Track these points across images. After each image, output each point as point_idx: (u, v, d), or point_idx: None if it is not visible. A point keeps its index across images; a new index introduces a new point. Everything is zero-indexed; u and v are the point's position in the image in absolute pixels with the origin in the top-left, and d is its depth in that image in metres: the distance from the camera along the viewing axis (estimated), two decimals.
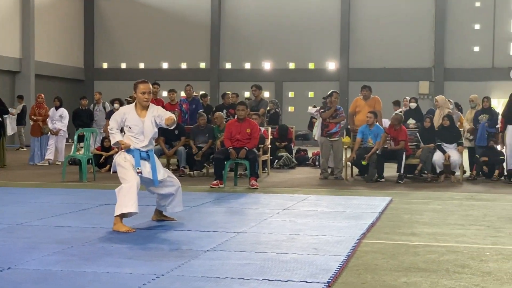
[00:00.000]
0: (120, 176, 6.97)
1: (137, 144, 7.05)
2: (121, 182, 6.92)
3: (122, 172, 6.95)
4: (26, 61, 27.17)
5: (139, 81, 7.23)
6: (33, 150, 16.39)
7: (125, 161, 6.98)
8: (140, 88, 7.10)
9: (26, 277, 4.80)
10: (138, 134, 7.06)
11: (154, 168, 7.09)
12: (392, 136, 12.80)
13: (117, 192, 6.88)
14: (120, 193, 6.85)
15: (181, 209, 7.46)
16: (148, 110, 7.12)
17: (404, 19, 29.09)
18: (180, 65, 31.33)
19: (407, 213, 8.39)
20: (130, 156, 7.01)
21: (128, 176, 6.89)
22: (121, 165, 6.98)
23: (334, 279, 4.83)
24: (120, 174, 6.97)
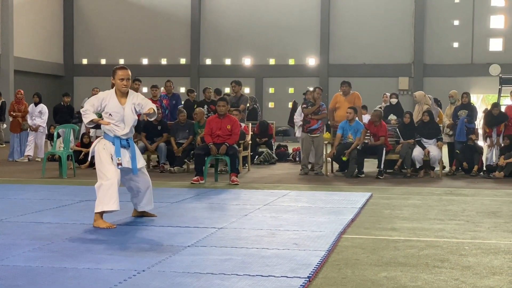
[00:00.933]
0: (99, 169, 6.83)
1: (118, 132, 6.88)
2: (100, 176, 6.78)
3: (101, 166, 6.80)
4: (5, 57, 26.91)
5: (118, 67, 7.01)
6: (12, 146, 16.27)
7: (104, 149, 6.81)
8: (119, 74, 6.87)
9: (6, 273, 4.77)
10: (119, 122, 6.88)
11: (134, 156, 6.97)
12: (372, 132, 12.87)
13: (97, 189, 6.79)
14: (100, 191, 6.75)
15: (151, 207, 7.35)
16: (127, 97, 6.93)
17: (384, 15, 29.24)
18: (160, 61, 31.25)
19: (387, 208, 8.45)
20: (110, 144, 6.85)
21: (108, 172, 6.76)
22: (100, 156, 6.82)
23: (314, 274, 4.86)
24: (100, 168, 6.82)
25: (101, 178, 6.78)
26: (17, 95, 16.86)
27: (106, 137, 6.93)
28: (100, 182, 6.77)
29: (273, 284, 4.54)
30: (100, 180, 6.78)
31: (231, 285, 4.52)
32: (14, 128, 16.32)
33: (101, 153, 6.85)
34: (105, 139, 6.92)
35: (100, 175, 6.80)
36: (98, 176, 6.83)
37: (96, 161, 6.93)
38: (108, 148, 6.84)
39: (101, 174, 6.79)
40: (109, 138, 6.91)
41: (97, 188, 6.79)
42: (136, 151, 7.07)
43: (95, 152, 6.91)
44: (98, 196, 6.77)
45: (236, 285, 4.52)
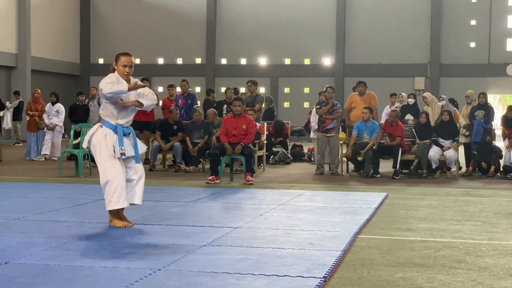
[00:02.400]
0: (102, 164, 6.52)
1: (121, 120, 6.61)
2: (104, 172, 6.51)
3: (104, 161, 6.49)
4: (22, 56, 27.11)
5: (121, 53, 6.71)
6: (29, 146, 16.38)
7: (105, 139, 6.49)
8: (122, 61, 6.61)
9: (24, 272, 4.81)
10: (124, 110, 6.62)
11: (136, 143, 6.71)
12: (388, 132, 12.82)
13: (103, 186, 6.56)
14: (107, 188, 6.53)
15: (139, 203, 6.82)
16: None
17: (400, 14, 29.12)
18: (176, 60, 31.32)
19: (403, 209, 8.41)
20: (111, 132, 6.53)
21: (113, 167, 6.46)
22: (101, 148, 6.49)
23: (330, 274, 4.85)
24: (102, 162, 6.50)
25: (106, 174, 6.53)
26: (34, 95, 16.97)
27: (107, 125, 6.59)
28: (106, 178, 6.53)
29: (288, 284, 4.53)
30: (105, 176, 6.53)
31: (246, 284, 4.52)
32: (31, 127, 16.43)
33: (101, 143, 6.53)
34: (105, 127, 6.58)
35: (104, 170, 6.53)
36: (102, 172, 6.55)
37: (96, 152, 6.59)
38: (110, 137, 6.54)
39: (105, 170, 6.53)
40: (110, 126, 6.58)
41: (103, 185, 6.56)
42: (136, 138, 6.81)
43: (95, 141, 6.55)
44: (107, 194, 6.58)
45: (251, 284, 4.52)
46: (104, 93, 6.49)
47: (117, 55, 6.75)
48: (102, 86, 6.50)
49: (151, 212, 7.70)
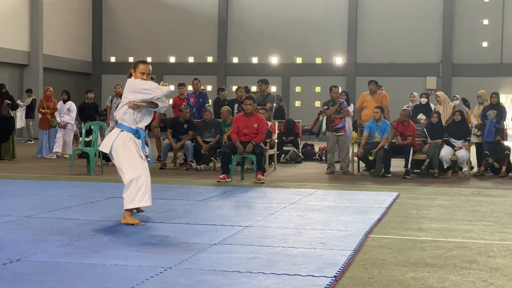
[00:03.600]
0: (127, 163, 6.63)
1: (141, 124, 6.83)
2: (128, 171, 6.62)
3: (130, 160, 6.62)
4: (35, 54, 27.23)
5: (140, 60, 6.90)
6: (41, 143, 16.46)
7: (129, 141, 6.67)
8: (140, 68, 6.75)
9: (35, 269, 4.83)
10: (143, 113, 6.82)
11: (149, 146, 6.98)
12: (400, 131, 12.78)
13: (128, 183, 6.63)
14: (132, 186, 6.61)
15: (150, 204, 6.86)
16: None
17: (412, 13, 29.01)
18: (187, 59, 31.34)
19: (414, 209, 8.39)
20: (133, 136, 6.73)
21: (139, 166, 6.62)
22: (129, 148, 6.65)
23: (341, 274, 4.84)
24: (128, 161, 6.62)
25: (133, 172, 6.62)
26: (46, 92, 17.04)
27: (128, 129, 6.73)
28: (132, 176, 6.62)
29: (299, 283, 4.53)
30: (132, 174, 6.62)
31: (257, 283, 4.52)
32: (43, 125, 16.50)
33: (127, 145, 6.66)
34: (127, 132, 6.72)
35: (131, 169, 6.63)
36: (128, 170, 6.64)
37: (118, 154, 6.69)
38: (133, 141, 6.71)
39: (132, 168, 6.63)
40: (131, 130, 6.74)
41: (128, 183, 6.63)
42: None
43: (117, 144, 6.67)
44: (130, 192, 6.64)
45: (262, 283, 4.53)
46: (164, 93, 6.76)
47: (135, 63, 6.87)
48: (155, 89, 6.67)
49: (162, 210, 7.72)
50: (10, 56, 26.19)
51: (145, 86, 6.71)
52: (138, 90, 6.72)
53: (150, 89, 6.70)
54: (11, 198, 8.70)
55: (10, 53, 26.08)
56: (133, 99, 6.73)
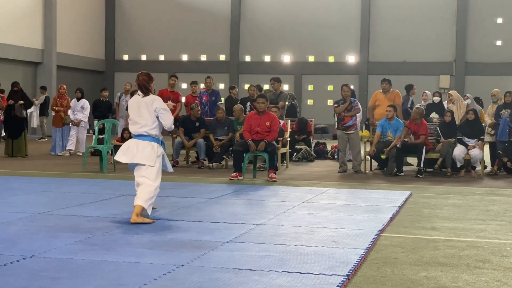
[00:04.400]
0: (157, 171, 6.91)
1: (160, 136, 7.15)
2: (155, 178, 6.87)
3: (159, 169, 6.96)
4: (48, 52, 27.35)
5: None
6: (54, 141, 16.53)
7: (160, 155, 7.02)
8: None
9: (48, 266, 4.86)
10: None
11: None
12: (413, 130, 12.73)
13: (155, 189, 6.85)
14: (156, 193, 6.88)
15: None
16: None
17: (425, 12, 28.88)
18: (200, 57, 31.37)
19: (427, 208, 8.36)
20: (161, 147, 7.08)
21: (160, 177, 7.01)
22: (158, 162, 6.96)
23: (353, 272, 4.83)
24: (158, 170, 6.93)
25: (155, 180, 6.89)
26: (60, 90, 17.11)
27: (157, 141, 7.02)
28: (157, 183, 6.89)
29: (311, 282, 4.53)
30: (155, 182, 6.87)
31: (269, 281, 4.52)
32: (56, 122, 16.57)
33: (160, 157, 7.00)
34: (158, 144, 7.03)
35: (155, 177, 6.89)
36: (154, 178, 6.87)
37: (156, 163, 6.92)
38: (162, 153, 7.07)
39: (156, 176, 6.91)
40: (158, 141, 7.05)
41: (155, 188, 6.86)
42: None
43: (159, 156, 6.98)
44: (149, 194, 6.79)
45: (274, 281, 4.53)
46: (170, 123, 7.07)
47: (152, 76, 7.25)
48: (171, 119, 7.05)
49: (174, 208, 7.74)
50: (24, 54, 26.33)
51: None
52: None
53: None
54: (25, 195, 8.75)
55: (24, 51, 26.23)
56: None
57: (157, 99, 7.06)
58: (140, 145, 6.92)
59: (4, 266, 4.78)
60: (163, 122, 6.95)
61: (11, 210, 7.38)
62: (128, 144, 7.05)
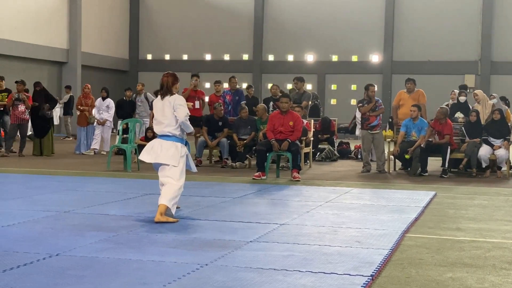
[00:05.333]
0: (180, 171, 6.91)
1: (185, 136, 7.16)
2: (179, 178, 6.87)
3: (183, 170, 6.98)
4: (73, 52, 27.58)
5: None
6: (79, 140, 16.67)
7: (184, 155, 7.03)
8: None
9: (74, 264, 4.90)
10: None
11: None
12: (437, 130, 12.64)
13: (179, 188, 6.86)
14: (179, 192, 6.90)
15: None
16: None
17: (450, 10, 28.63)
18: (223, 56, 31.42)
19: (452, 208, 8.29)
20: (185, 147, 7.09)
21: (184, 177, 7.02)
22: (182, 162, 6.97)
23: (378, 273, 4.81)
24: (181, 170, 6.94)
25: (179, 180, 6.90)
26: (84, 90, 17.24)
27: (181, 141, 7.04)
28: (181, 183, 6.91)
29: (335, 282, 4.51)
30: (179, 181, 6.89)
31: (293, 281, 4.52)
32: (81, 121, 16.70)
33: (184, 157, 7.02)
34: (183, 144, 7.05)
35: (179, 177, 6.90)
36: (178, 178, 6.88)
37: (180, 163, 6.93)
38: (186, 153, 7.09)
39: (180, 176, 6.92)
40: (183, 141, 7.08)
41: (180, 188, 6.88)
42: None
43: (183, 156, 6.99)
44: (173, 193, 6.82)
45: (298, 281, 4.52)
46: (183, 120, 7.02)
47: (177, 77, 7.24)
48: (184, 113, 7.00)
49: (198, 208, 7.77)
50: (49, 53, 26.58)
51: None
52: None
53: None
54: (50, 194, 8.83)
55: (49, 50, 26.47)
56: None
57: (178, 97, 7.06)
58: (164, 145, 6.95)
59: (30, 264, 4.83)
60: (177, 115, 6.92)
61: (37, 209, 7.46)
62: (152, 144, 7.09)
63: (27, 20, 25.20)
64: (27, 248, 5.37)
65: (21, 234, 6.01)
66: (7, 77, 17.67)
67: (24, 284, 4.30)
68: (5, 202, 7.95)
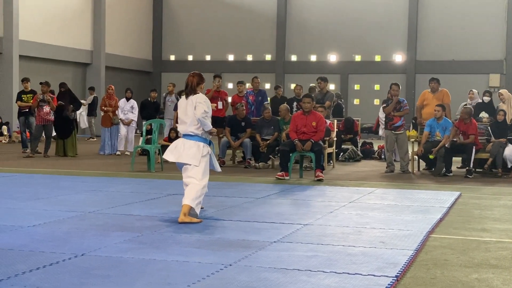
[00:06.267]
0: (203, 171, 6.90)
1: (209, 135, 7.14)
2: (201, 177, 6.87)
3: (205, 169, 6.96)
4: (97, 53, 27.81)
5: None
6: (103, 141, 16.79)
7: (206, 155, 7.00)
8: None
9: (99, 264, 4.93)
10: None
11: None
12: (462, 130, 12.54)
13: (202, 187, 6.86)
14: (202, 192, 6.89)
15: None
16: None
17: (475, 9, 28.38)
18: (246, 57, 31.45)
19: (477, 209, 8.22)
20: (208, 147, 7.07)
21: (207, 177, 7.00)
22: (206, 162, 6.97)
23: (402, 274, 4.78)
24: (204, 170, 6.93)
25: (202, 179, 6.90)
26: (108, 91, 17.36)
27: (205, 141, 7.03)
28: (204, 182, 6.91)
29: (360, 282, 4.50)
30: (202, 181, 6.88)
31: (317, 282, 4.51)
32: (105, 122, 16.82)
33: (207, 157, 7.01)
34: (206, 144, 7.03)
35: (202, 177, 6.90)
36: (201, 177, 6.88)
37: (201, 163, 6.93)
38: (209, 153, 7.08)
39: (203, 176, 6.91)
40: (206, 141, 7.06)
41: (203, 187, 6.87)
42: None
43: (204, 157, 6.96)
44: (196, 193, 6.82)
45: (322, 282, 4.51)
46: (199, 117, 7.00)
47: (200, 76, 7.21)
48: (202, 110, 6.97)
49: (221, 208, 7.78)
50: (74, 55, 26.81)
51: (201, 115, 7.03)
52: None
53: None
54: (75, 194, 8.91)
55: (73, 52, 26.70)
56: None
57: (200, 96, 7.05)
58: (187, 145, 6.99)
59: (56, 264, 4.88)
60: (195, 112, 6.92)
61: (62, 209, 7.52)
62: (176, 143, 7.13)
63: (52, 22, 25.45)
64: (53, 248, 5.42)
65: (47, 234, 6.07)
66: (32, 79, 17.86)
67: (51, 284, 4.34)
68: (31, 203, 8.03)
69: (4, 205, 7.78)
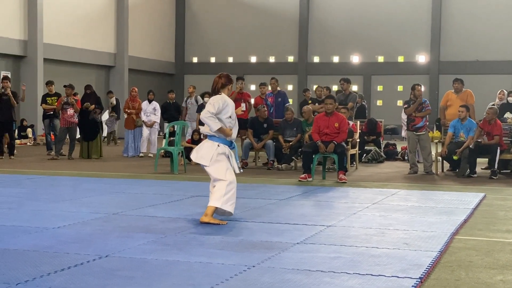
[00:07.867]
0: (222, 169, 6.81)
1: (233, 136, 7.04)
2: (222, 176, 6.78)
3: (225, 167, 6.84)
4: (120, 56, 28.01)
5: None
6: (126, 143, 16.89)
7: (223, 154, 6.89)
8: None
9: (123, 265, 4.96)
10: (234, 125, 7.04)
11: (236, 156, 7.23)
12: (486, 131, 12.43)
13: (227, 185, 6.77)
14: (225, 188, 6.78)
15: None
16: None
17: (498, 8, 28.12)
18: (268, 58, 31.46)
19: (502, 210, 8.14)
20: (228, 148, 6.96)
21: (232, 175, 6.87)
22: (224, 161, 6.87)
23: (426, 275, 4.75)
24: (223, 168, 6.82)
25: (224, 178, 6.81)
26: (132, 93, 17.46)
27: (223, 141, 6.93)
28: (228, 181, 6.81)
29: (383, 284, 4.48)
30: (225, 180, 6.80)
31: (341, 283, 4.50)
32: (129, 124, 16.92)
33: (220, 156, 6.88)
34: (223, 145, 6.92)
35: (223, 175, 6.81)
36: (221, 175, 6.80)
37: (215, 163, 6.85)
38: (230, 153, 6.97)
39: (223, 175, 6.83)
40: (226, 142, 6.96)
41: (228, 184, 6.78)
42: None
43: (217, 158, 6.85)
44: (220, 192, 6.78)
45: (346, 283, 4.50)
46: (201, 117, 6.95)
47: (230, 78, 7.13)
48: (206, 110, 6.89)
49: (244, 209, 7.79)
50: (98, 58, 27.03)
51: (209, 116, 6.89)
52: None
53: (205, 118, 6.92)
54: (99, 196, 8.98)
55: (97, 55, 26.92)
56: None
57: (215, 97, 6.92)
58: (204, 145, 7.03)
59: (80, 265, 4.92)
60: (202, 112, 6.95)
61: (86, 211, 7.59)
62: (201, 144, 7.18)
63: (75, 26, 25.68)
64: (77, 249, 5.47)
65: (71, 235, 6.12)
66: (56, 82, 18.03)
67: (75, 285, 4.38)
68: (56, 204, 8.11)
69: (30, 207, 7.87)
